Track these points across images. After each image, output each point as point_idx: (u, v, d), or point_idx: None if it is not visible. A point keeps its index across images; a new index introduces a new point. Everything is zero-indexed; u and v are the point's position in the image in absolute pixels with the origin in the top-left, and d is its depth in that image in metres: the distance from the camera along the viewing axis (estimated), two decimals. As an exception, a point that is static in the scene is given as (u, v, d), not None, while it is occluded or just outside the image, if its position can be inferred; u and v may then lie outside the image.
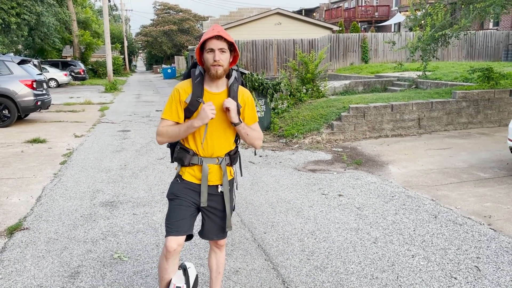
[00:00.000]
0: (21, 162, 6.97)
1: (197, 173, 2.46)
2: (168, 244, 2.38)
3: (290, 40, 22.05)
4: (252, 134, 2.47)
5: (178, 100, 2.39)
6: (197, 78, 2.40)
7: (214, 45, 2.28)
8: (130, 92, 23.00)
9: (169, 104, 2.42)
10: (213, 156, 2.44)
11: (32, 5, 22.68)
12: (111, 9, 53.39)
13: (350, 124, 8.31)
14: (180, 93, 2.39)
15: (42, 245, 3.86)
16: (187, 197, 2.45)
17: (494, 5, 7.82)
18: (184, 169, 2.49)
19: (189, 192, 2.46)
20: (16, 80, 10.63)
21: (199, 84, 2.38)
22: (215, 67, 2.29)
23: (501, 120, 9.28)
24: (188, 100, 2.37)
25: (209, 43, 2.29)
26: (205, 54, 2.31)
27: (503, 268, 3.30)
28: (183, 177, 2.48)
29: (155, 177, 6.00)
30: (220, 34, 2.28)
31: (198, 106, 2.36)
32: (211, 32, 2.29)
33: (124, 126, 10.74)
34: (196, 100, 2.36)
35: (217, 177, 2.48)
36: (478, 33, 23.36)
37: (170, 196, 2.50)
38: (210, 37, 2.27)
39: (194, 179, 2.47)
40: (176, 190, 2.48)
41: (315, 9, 49.51)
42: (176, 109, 2.40)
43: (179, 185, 2.49)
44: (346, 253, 3.62)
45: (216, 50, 2.28)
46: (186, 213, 2.43)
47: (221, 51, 2.29)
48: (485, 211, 4.49)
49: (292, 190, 5.34)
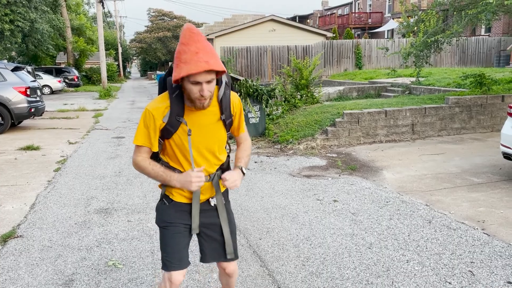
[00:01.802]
0: (15, 169, 6.92)
1: (186, 192, 2.13)
2: (174, 278, 2.15)
3: (284, 47, 22.16)
4: (249, 157, 2.26)
5: (152, 124, 1.98)
6: (175, 91, 1.96)
7: (202, 78, 1.83)
8: (124, 98, 22.97)
9: (141, 128, 2.02)
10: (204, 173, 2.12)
11: (26, 12, 22.64)
12: (105, 15, 53.44)
13: (344, 130, 8.35)
14: (154, 117, 1.97)
15: (36, 252, 3.84)
16: (180, 221, 2.16)
17: (485, 11, 7.92)
18: (171, 189, 2.15)
19: (182, 215, 2.16)
20: (10, 87, 10.59)
21: (178, 99, 1.96)
22: (201, 101, 1.91)
23: (493, 126, 9.36)
24: (166, 120, 1.97)
25: (195, 76, 1.82)
26: (188, 84, 1.86)
27: (497, 273, 3.32)
28: (172, 198, 2.16)
29: (150, 184, 5.99)
30: (211, 67, 1.81)
31: (178, 126, 1.99)
32: (197, 61, 1.79)
33: (118, 132, 10.71)
34: (176, 120, 1.97)
35: (208, 193, 2.19)
36: (470, 39, 23.61)
37: (162, 224, 2.19)
38: (198, 72, 1.81)
39: (184, 198, 2.15)
40: (167, 216, 2.17)
41: (309, 15, 49.81)
42: (149, 135, 2.01)
43: (169, 209, 2.17)
44: (341, 259, 3.62)
45: (203, 84, 1.85)
46: (184, 241, 2.18)
47: (208, 83, 1.87)
48: (478, 216, 4.52)
49: (287, 196, 5.34)
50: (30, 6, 23.15)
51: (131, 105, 18.83)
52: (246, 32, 24.14)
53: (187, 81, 1.86)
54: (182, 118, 1.98)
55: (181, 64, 1.83)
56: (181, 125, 1.99)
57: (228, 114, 2.10)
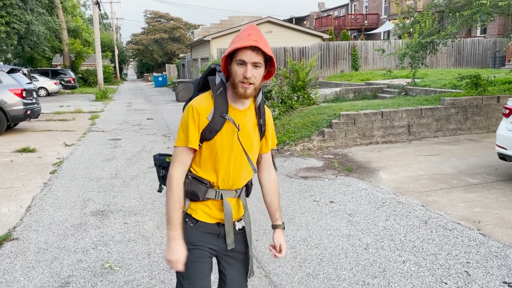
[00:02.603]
0: (11, 171, 6.90)
1: (214, 210, 1.94)
2: None
3: (281, 48, 22.19)
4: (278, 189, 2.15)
5: (197, 121, 1.85)
6: (218, 88, 1.87)
7: (248, 58, 1.77)
8: (121, 100, 22.93)
9: (186, 126, 1.86)
10: (233, 188, 1.97)
11: (22, 14, 22.59)
12: (102, 17, 53.33)
13: (341, 131, 8.36)
14: (200, 113, 1.85)
15: (32, 255, 3.83)
16: (206, 245, 1.95)
17: (480, 12, 7.96)
18: (195, 206, 1.94)
19: (208, 238, 1.95)
20: (6, 89, 10.56)
21: (222, 96, 1.87)
22: (244, 85, 1.79)
23: (489, 126, 9.40)
24: (210, 117, 1.84)
25: (241, 54, 1.76)
26: (234, 66, 1.80)
27: (493, 273, 3.34)
28: (196, 217, 1.94)
29: (146, 186, 5.98)
30: (258, 45, 1.76)
31: (222, 125, 1.86)
32: (246, 39, 1.77)
33: (115, 134, 10.69)
34: (221, 117, 1.85)
35: (234, 212, 2.00)
36: (466, 40, 23.70)
37: (187, 246, 1.92)
38: (244, 46, 1.75)
39: (209, 218, 1.95)
40: (193, 238, 1.93)
41: (306, 17, 49.91)
42: (196, 133, 1.87)
43: (195, 230, 1.94)
44: (337, 260, 3.63)
45: (248, 64, 1.77)
46: (208, 267, 1.96)
47: (254, 66, 1.79)
48: (474, 216, 4.54)
49: (283, 197, 5.35)
50: (26, 8, 23.09)
51: (127, 107, 18.80)
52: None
53: (234, 63, 1.80)
54: (227, 115, 1.85)
55: (232, 44, 1.81)
56: (225, 123, 1.86)
57: (264, 122, 1.99)
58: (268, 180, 2.10)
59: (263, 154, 2.09)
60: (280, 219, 2.12)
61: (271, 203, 2.11)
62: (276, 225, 2.11)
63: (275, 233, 2.10)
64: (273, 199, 2.11)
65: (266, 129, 2.03)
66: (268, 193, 2.11)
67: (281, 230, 2.10)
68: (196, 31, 34.51)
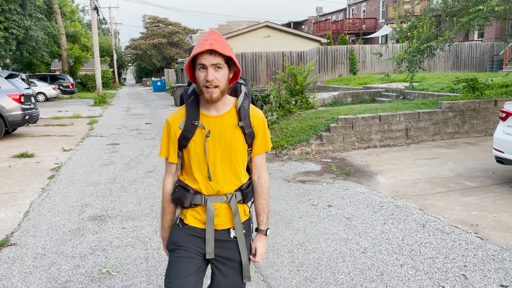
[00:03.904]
0: (9, 177, 6.89)
1: (202, 215, 2.00)
2: None
3: (279, 53, 22.25)
4: (269, 207, 2.15)
5: (171, 133, 1.98)
6: (190, 97, 1.96)
7: (206, 61, 1.82)
8: (119, 105, 22.94)
9: (162, 140, 2.04)
10: (220, 193, 1.98)
11: (21, 19, 22.62)
12: (100, 22, 53.41)
13: (339, 135, 8.38)
14: (171, 125, 1.97)
15: (29, 260, 3.82)
16: (191, 246, 1.98)
17: (477, 18, 8.00)
18: (186, 211, 2.02)
19: (194, 240, 1.99)
20: (4, 94, 10.57)
21: (193, 104, 1.95)
22: (209, 89, 1.84)
23: (486, 130, 9.43)
24: (182, 126, 1.94)
25: (201, 58, 1.82)
26: (197, 72, 1.86)
27: (490, 276, 3.34)
28: (185, 222, 2.01)
29: (144, 190, 5.98)
30: (214, 47, 1.79)
31: (194, 132, 1.93)
32: (203, 44, 1.82)
33: (113, 139, 10.70)
34: (191, 124, 1.93)
35: (226, 219, 2.00)
36: (464, 44, 23.80)
37: (170, 246, 2.02)
38: (201, 51, 1.81)
39: (198, 223, 2.00)
40: (177, 238, 2.00)
41: (304, 22, 50.08)
42: (168, 146, 2.01)
43: (181, 231, 2.01)
44: (335, 264, 3.63)
45: (209, 67, 1.82)
46: (191, 267, 1.95)
47: (215, 68, 1.83)
48: (472, 220, 4.55)
49: (281, 201, 5.35)
50: (24, 13, 23.13)
51: (126, 111, 18.81)
52: (241, 38, 24.21)
53: (197, 70, 1.85)
54: (197, 121, 1.92)
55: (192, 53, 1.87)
56: (197, 129, 1.93)
57: (247, 124, 1.97)
58: (257, 183, 2.09)
59: (253, 158, 2.08)
60: (262, 224, 2.10)
61: (256, 207, 2.13)
62: (256, 229, 2.13)
63: (255, 236, 2.12)
64: (258, 203, 2.11)
65: (255, 132, 2.01)
66: (255, 196, 2.12)
67: (261, 235, 2.10)
68: (194, 36, 34.64)
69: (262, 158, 2.10)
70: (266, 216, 2.12)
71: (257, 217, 2.13)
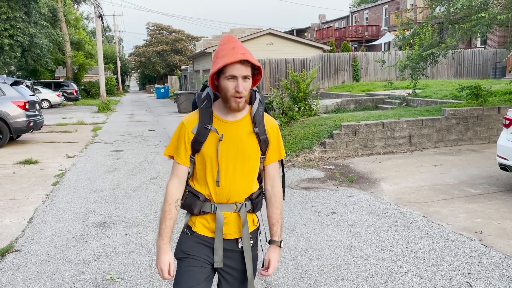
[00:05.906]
0: (13, 183, 6.93)
1: (211, 223, 1.97)
2: None
3: (282, 60, 22.32)
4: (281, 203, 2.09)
5: (185, 136, 1.95)
6: (203, 101, 1.95)
7: (238, 72, 1.81)
8: (123, 112, 23.04)
9: (172, 139, 2.01)
10: (230, 202, 1.95)
11: (25, 27, 22.81)
12: (104, 30, 53.83)
13: (342, 142, 8.39)
14: (187, 128, 1.95)
15: (33, 267, 3.83)
16: (200, 255, 1.96)
17: (479, 25, 8.03)
18: (195, 219, 2.00)
19: (203, 249, 1.97)
20: (9, 101, 10.64)
21: (207, 108, 1.94)
22: (237, 99, 1.84)
23: (490, 137, 9.41)
24: (195, 130, 1.93)
25: (231, 69, 1.80)
26: (224, 81, 1.84)
27: (494, 284, 3.33)
28: (194, 229, 1.99)
29: (148, 197, 6.00)
30: (246, 58, 1.80)
31: (207, 135, 1.92)
32: (233, 53, 1.81)
33: (117, 146, 10.73)
34: (204, 128, 1.91)
35: (235, 229, 1.98)
36: (466, 51, 23.81)
37: (179, 255, 1.99)
38: (233, 62, 1.79)
39: (207, 231, 1.98)
40: (186, 247, 1.98)
41: (307, 29, 50.26)
42: (178, 147, 1.98)
43: (190, 239, 1.99)
44: (339, 271, 3.62)
45: (239, 78, 1.81)
46: (200, 276, 1.93)
47: (244, 79, 1.83)
48: (476, 227, 4.54)
49: (285, 208, 5.35)
50: (29, 21, 23.33)
51: (129, 118, 18.88)
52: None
53: (224, 78, 1.83)
54: (210, 125, 1.90)
55: (218, 60, 1.84)
56: (210, 133, 1.91)
57: (262, 130, 1.96)
58: (271, 193, 2.06)
59: (266, 166, 2.05)
60: (276, 235, 2.06)
61: (269, 217, 2.08)
62: (270, 240, 2.07)
63: (268, 248, 2.07)
64: (272, 213, 2.06)
65: (269, 140, 1.99)
66: (268, 206, 2.08)
67: (275, 247, 2.05)
68: (198, 43, 34.78)
69: (275, 167, 2.06)
70: (280, 226, 2.07)
71: (271, 228, 2.07)
